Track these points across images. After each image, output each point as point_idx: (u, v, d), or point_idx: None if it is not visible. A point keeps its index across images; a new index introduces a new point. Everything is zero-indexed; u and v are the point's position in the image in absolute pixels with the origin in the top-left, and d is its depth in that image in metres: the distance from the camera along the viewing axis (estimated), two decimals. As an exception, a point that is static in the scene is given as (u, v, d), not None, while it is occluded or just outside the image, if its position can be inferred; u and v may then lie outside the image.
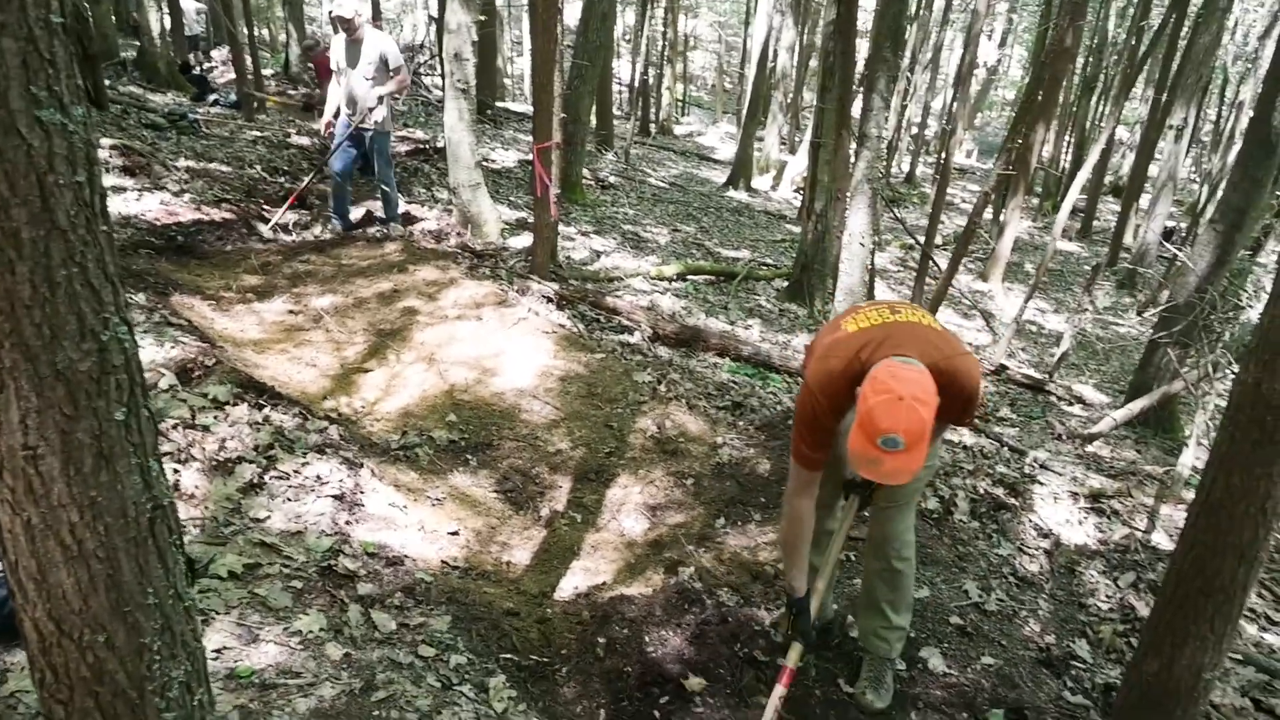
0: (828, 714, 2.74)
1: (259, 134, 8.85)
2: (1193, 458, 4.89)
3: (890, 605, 2.77)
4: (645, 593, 3.24)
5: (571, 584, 3.38)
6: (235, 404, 3.38)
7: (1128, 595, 3.88)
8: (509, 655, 2.78)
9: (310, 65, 9.79)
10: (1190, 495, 2.21)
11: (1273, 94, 6.10)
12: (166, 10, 13.19)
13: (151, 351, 3.59)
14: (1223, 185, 8.18)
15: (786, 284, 8.84)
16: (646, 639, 2.92)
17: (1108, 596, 3.89)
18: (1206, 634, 2.10)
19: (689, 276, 8.46)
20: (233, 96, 10.67)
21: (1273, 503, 1.96)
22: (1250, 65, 18.86)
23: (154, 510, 1.26)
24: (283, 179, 7.67)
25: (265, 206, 6.95)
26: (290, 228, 6.66)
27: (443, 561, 3.23)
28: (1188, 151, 18.13)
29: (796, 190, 15.67)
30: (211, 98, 10.66)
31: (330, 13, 6.19)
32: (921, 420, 1.98)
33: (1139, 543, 4.42)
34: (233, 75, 10.82)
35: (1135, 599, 3.83)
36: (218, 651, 2.26)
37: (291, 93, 11.91)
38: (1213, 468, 2.05)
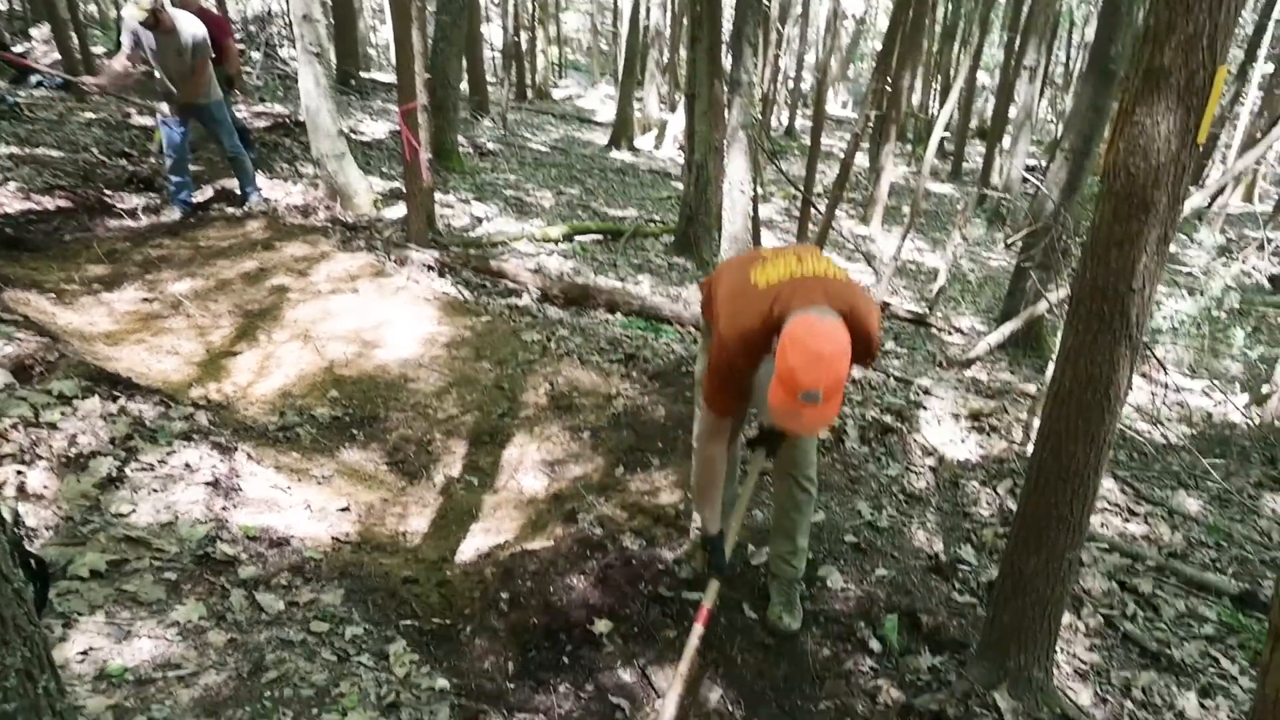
0: (734, 639, 2.79)
1: (93, 115, 8.21)
2: (1058, 369, 5.18)
3: (797, 528, 2.85)
4: (548, 545, 3.22)
5: (472, 546, 3.33)
6: (85, 398, 3.14)
7: (1006, 500, 4.11)
8: (409, 621, 2.71)
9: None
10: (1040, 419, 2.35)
11: (1108, 28, 6.47)
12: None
13: (-20, 350, 3.30)
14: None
15: (673, 238, 8.88)
16: (551, 589, 2.90)
17: (988, 504, 4.10)
18: (1066, 515, 2.23)
19: (576, 237, 8.38)
20: (59, 78, 9.83)
21: (1115, 388, 2.08)
22: (1092, 7, 19.92)
23: (-33, 489, 1.14)
24: (124, 161, 7.14)
25: (107, 191, 6.46)
26: (139, 212, 6.22)
27: (334, 538, 3.11)
28: (1042, 93, 19.08)
29: (680, 148, 15.69)
30: (34, 79, 9.79)
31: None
32: (840, 373, 2.03)
33: (1015, 454, 4.68)
34: (57, 55, 9.96)
35: (1013, 503, 4.05)
36: (84, 653, 2.11)
37: (131, 71, 11.07)
38: (1061, 360, 2.16)
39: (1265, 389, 5.72)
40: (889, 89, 11.99)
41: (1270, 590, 3.60)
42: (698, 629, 2.48)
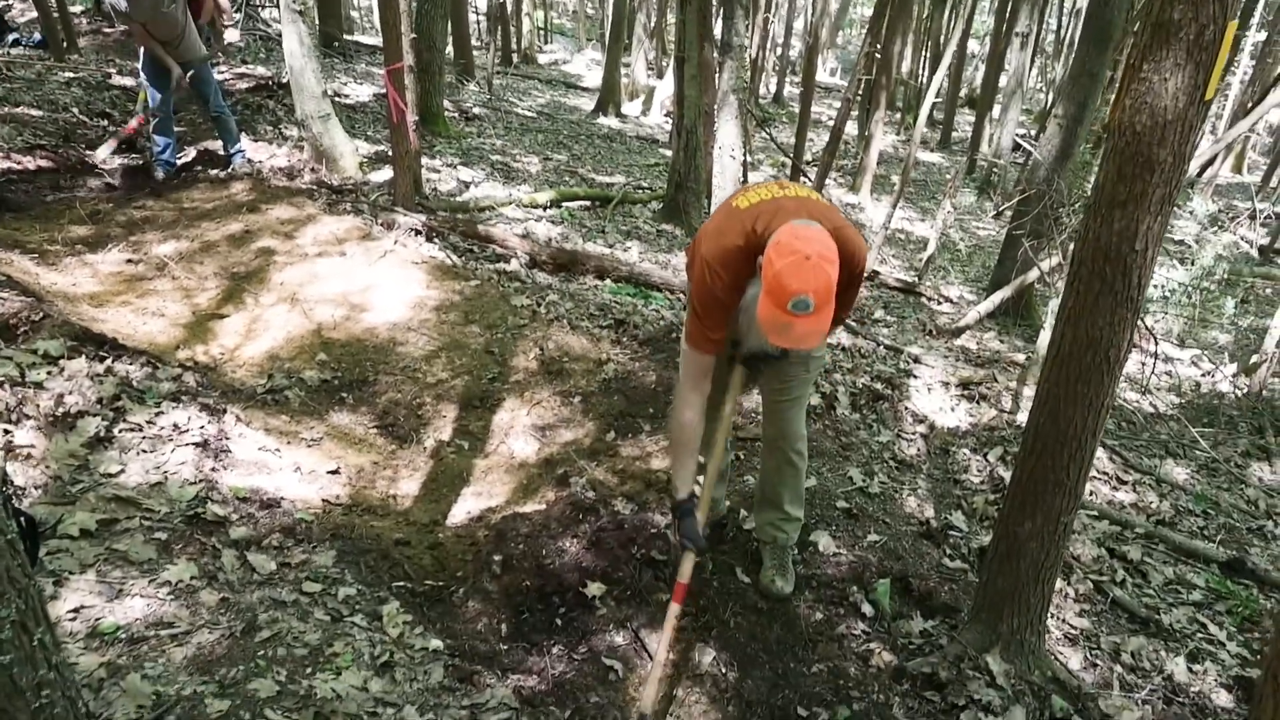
0: (727, 603, 2.80)
1: (73, 75, 8.01)
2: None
3: (788, 501, 2.83)
4: (540, 509, 3.21)
5: (463, 509, 3.32)
6: (71, 358, 3.08)
7: (996, 468, 4.13)
8: (401, 583, 2.70)
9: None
10: (1037, 383, 2.32)
11: (1104, -11, 6.39)
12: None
13: (-38, 308, 3.24)
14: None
15: (662, 205, 8.80)
16: (543, 552, 2.89)
17: (979, 471, 4.12)
18: (1063, 479, 2.23)
19: (564, 203, 8.30)
20: (37, 35, 9.61)
21: (1115, 351, 2.07)
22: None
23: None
24: (105, 122, 6.99)
25: (88, 152, 6.34)
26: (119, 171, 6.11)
27: (324, 500, 3.10)
28: (1033, 60, 18.97)
29: (667, 115, 15.55)
30: (11, 37, 9.55)
31: None
32: (829, 278, 1.95)
33: (1005, 422, 4.70)
34: (34, 13, 9.72)
35: (1003, 470, 4.07)
36: (75, 611, 2.09)
37: (108, 30, 10.81)
38: (1061, 323, 2.14)
39: (1254, 359, 5.76)
40: (879, 56, 11.88)
41: (1258, 558, 3.64)
42: (674, 609, 2.39)
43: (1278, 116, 20.05)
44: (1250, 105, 15.14)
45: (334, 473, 3.32)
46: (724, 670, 2.58)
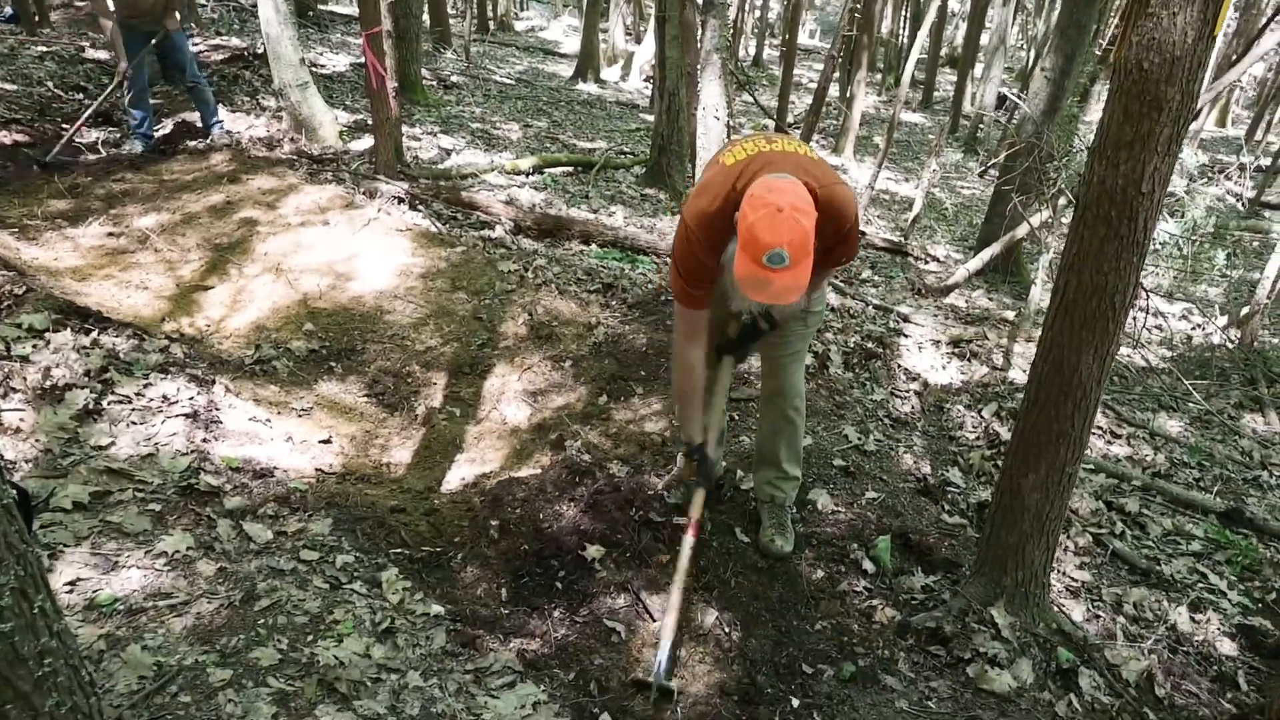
0: (726, 563, 2.79)
1: (46, 49, 7.82)
2: (1040, 294, 5.20)
3: (786, 459, 2.81)
4: (535, 473, 3.18)
5: (458, 475, 3.29)
6: (56, 330, 3.03)
7: (992, 424, 4.13)
8: (399, 550, 2.67)
9: None
10: (1040, 332, 2.30)
11: (1092, -60, 6.31)
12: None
13: (-57, 283, 3.16)
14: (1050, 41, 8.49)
15: (645, 169, 8.71)
16: (541, 516, 2.87)
17: (974, 427, 4.12)
18: (1068, 430, 2.22)
19: (546, 169, 8.20)
20: (9, 10, 9.39)
21: (1121, 296, 2.05)
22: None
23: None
24: (81, 95, 6.83)
25: (64, 125, 6.19)
26: (100, 146, 5.97)
27: (317, 469, 3.06)
28: (1014, 17, 18.82)
29: (646, 80, 15.37)
30: None
31: None
32: (804, 230, 1.92)
33: (999, 378, 4.70)
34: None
35: (999, 426, 4.08)
36: (71, 584, 2.05)
37: (80, 3, 10.57)
38: (1065, 270, 2.11)
39: (1245, 310, 5.78)
40: (859, 15, 11.76)
41: (1256, 508, 3.67)
42: (689, 539, 2.46)
43: (1262, 69, 20.05)
44: (1235, 58, 15.09)
45: (326, 442, 3.28)
46: (727, 630, 2.57)
